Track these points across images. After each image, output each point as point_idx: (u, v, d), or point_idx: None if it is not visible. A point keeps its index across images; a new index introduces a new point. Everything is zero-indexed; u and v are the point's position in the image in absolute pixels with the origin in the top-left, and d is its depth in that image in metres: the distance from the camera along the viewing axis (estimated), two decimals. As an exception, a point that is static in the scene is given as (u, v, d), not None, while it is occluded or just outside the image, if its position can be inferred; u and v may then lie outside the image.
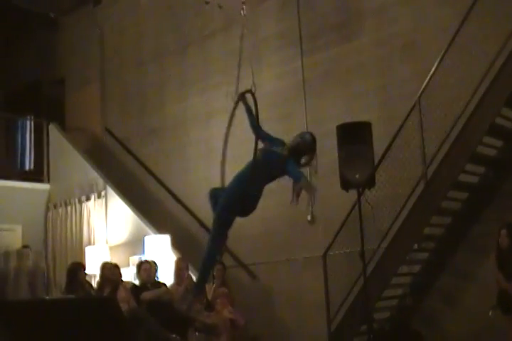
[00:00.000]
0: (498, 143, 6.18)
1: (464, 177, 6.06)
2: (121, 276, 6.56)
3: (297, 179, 4.43)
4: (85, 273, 6.78)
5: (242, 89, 4.87)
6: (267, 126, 4.93)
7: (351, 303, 6.21)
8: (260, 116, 4.69)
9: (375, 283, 5.86)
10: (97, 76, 10.13)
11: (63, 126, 10.01)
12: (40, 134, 9.69)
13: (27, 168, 9.75)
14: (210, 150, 8.33)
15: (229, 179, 4.63)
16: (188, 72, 8.95)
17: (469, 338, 6.06)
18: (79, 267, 6.64)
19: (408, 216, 6.04)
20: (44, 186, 9.49)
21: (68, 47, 10.62)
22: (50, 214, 9.36)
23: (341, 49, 7.42)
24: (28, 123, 9.96)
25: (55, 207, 9.32)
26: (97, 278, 6.91)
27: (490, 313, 5.37)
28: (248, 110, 4.78)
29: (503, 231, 5.44)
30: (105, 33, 10.11)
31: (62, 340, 3.59)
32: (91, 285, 6.96)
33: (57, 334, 3.56)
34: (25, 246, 8.27)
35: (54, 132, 9.62)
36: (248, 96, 4.73)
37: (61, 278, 8.02)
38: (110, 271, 6.52)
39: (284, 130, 6.28)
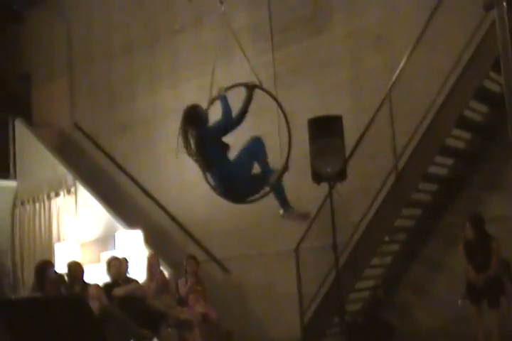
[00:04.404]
0: (467, 135, 6.26)
1: (433, 170, 6.13)
2: (83, 274, 6.47)
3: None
4: (55, 271, 6.65)
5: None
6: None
7: (324, 296, 6.24)
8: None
9: (347, 275, 5.91)
10: (65, 70, 9.95)
11: (30, 122, 9.81)
12: (5, 130, 9.48)
13: (-8, 164, 9.53)
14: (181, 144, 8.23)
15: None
16: (158, 67, 8.85)
17: (439, 328, 6.15)
18: (47, 265, 6.50)
19: (379, 208, 6.09)
20: (11, 183, 9.28)
21: (34, 40, 10.37)
22: (17, 211, 9.17)
23: (312, 42, 7.43)
24: (-8, 119, 9.73)
25: (22, 203, 9.12)
26: (66, 277, 6.80)
27: (459, 303, 5.44)
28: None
29: (467, 224, 5.51)
30: (72, 26, 9.91)
31: (30, 340, 3.52)
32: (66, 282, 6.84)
33: (25, 334, 3.49)
34: (-9, 245, 8.08)
35: (20, 128, 9.41)
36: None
37: (29, 276, 7.86)
38: (75, 268, 6.44)
39: (256, 124, 6.25)
